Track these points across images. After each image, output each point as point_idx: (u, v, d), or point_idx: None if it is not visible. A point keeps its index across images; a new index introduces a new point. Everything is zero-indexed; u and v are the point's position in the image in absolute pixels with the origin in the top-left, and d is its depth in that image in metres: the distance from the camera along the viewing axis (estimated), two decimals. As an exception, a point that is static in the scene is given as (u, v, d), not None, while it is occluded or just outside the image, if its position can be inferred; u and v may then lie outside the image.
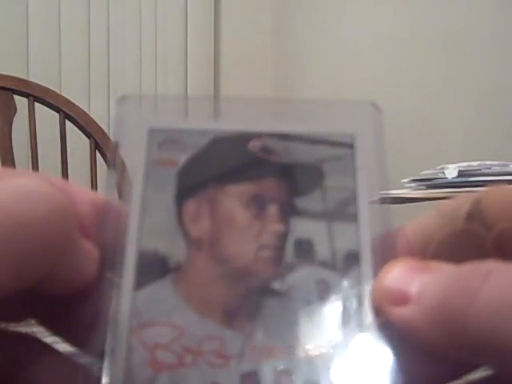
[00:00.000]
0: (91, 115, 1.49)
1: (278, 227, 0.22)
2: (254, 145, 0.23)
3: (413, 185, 1.23)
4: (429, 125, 1.77)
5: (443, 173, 1.17)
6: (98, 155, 1.45)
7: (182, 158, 0.23)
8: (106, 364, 0.19)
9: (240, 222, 0.22)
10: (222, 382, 0.19)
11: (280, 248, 0.22)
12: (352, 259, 0.21)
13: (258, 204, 0.22)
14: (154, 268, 0.21)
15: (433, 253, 0.21)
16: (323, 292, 0.21)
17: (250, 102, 0.24)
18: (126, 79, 2.02)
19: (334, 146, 0.23)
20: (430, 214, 0.22)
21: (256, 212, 0.22)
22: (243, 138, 0.23)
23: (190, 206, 0.22)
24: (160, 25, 2.07)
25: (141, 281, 0.20)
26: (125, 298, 0.20)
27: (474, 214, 0.21)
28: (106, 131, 1.49)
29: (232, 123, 0.23)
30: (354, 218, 0.22)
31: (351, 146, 0.23)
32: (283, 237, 0.22)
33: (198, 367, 0.20)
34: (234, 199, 0.22)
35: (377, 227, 0.22)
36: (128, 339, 0.20)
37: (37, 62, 1.94)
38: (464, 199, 0.21)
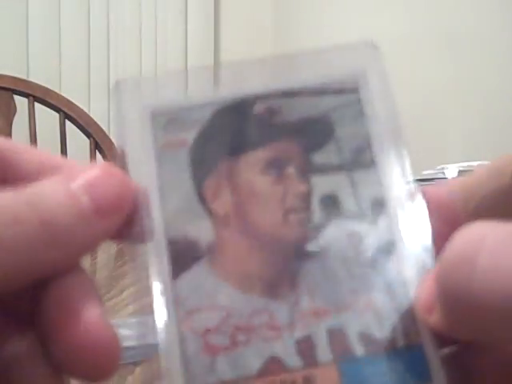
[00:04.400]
0: (91, 115, 1.50)
1: (301, 188, 0.21)
2: (258, 108, 0.22)
3: (413, 185, 1.22)
4: (429, 125, 1.76)
5: (443, 173, 1.17)
6: (98, 155, 1.45)
7: (190, 136, 0.22)
8: (162, 358, 0.19)
9: (262, 189, 0.21)
10: (279, 353, 0.20)
11: (306, 208, 0.21)
12: (379, 205, 0.21)
13: (276, 168, 0.22)
14: (187, 254, 0.21)
15: (474, 209, 0.20)
16: (357, 244, 0.21)
17: (246, 64, 0.23)
18: (126, 79, 2.02)
19: (339, 94, 0.23)
20: (480, 169, 0.21)
21: (275, 176, 0.22)
22: (246, 103, 0.22)
23: (209, 183, 0.21)
24: (160, 25, 2.07)
25: (177, 269, 0.20)
26: (165, 290, 0.20)
27: None
28: (106, 131, 1.49)
29: (233, 89, 0.22)
30: (372, 163, 0.22)
31: (356, 90, 0.23)
32: (307, 196, 0.21)
33: (253, 344, 0.20)
34: (251, 168, 0.22)
35: (395, 169, 0.22)
36: (178, 330, 0.20)
37: (37, 62, 1.94)
38: None
